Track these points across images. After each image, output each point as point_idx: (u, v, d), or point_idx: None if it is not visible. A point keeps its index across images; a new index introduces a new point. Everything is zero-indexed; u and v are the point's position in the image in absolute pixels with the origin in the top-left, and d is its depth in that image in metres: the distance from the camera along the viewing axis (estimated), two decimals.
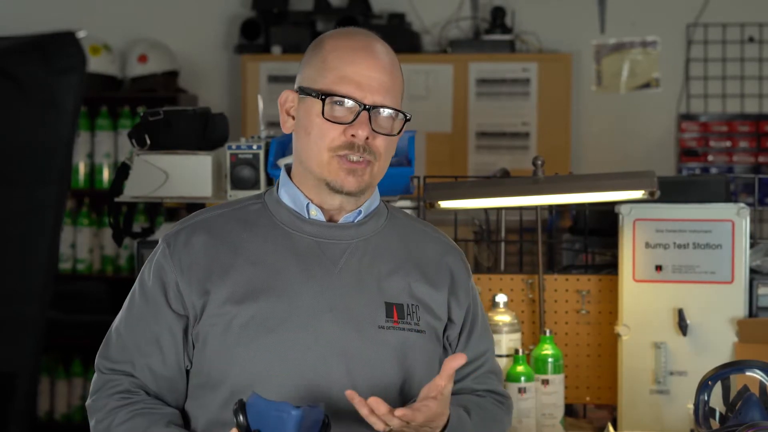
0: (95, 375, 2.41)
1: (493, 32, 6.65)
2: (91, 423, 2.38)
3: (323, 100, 2.32)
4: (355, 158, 2.32)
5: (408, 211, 3.78)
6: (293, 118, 2.40)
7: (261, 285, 2.32)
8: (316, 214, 2.38)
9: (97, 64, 6.46)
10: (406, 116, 2.37)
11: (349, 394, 2.18)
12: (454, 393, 2.37)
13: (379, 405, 2.17)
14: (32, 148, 1.66)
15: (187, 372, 2.37)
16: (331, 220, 2.40)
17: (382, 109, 2.33)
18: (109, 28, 6.67)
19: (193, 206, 3.58)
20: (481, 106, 6.63)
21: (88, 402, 2.41)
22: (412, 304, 2.38)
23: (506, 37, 6.62)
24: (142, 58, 6.66)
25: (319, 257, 2.36)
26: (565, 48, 6.67)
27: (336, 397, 2.28)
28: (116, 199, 3.65)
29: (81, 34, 1.64)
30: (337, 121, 2.32)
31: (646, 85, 6.71)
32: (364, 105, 2.31)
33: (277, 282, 2.33)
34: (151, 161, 3.56)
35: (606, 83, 6.73)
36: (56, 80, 1.64)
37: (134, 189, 3.58)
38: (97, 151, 6.61)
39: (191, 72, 6.86)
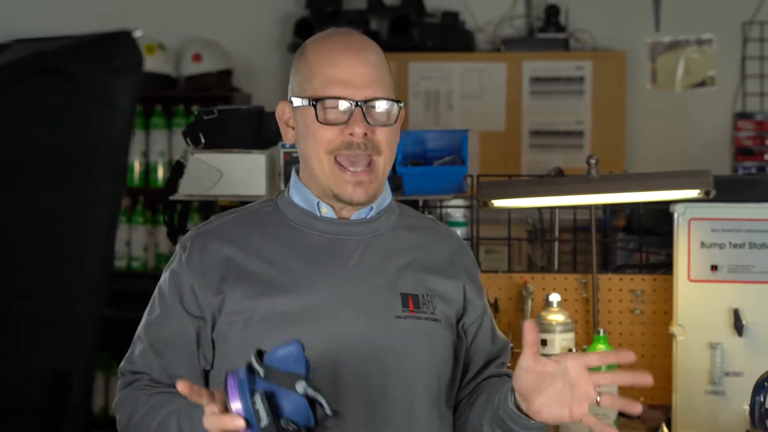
0: (119, 379, 2.48)
1: (547, 30, 6.63)
2: (117, 417, 2.45)
3: (315, 106, 2.33)
4: (355, 154, 2.32)
5: (461, 210, 3.80)
6: (293, 128, 2.42)
7: (278, 282, 2.34)
8: (327, 211, 2.40)
9: (152, 63, 6.50)
10: (399, 104, 2.37)
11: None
12: (475, 378, 2.46)
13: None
14: (88, 147, 1.68)
15: (207, 373, 2.40)
16: (341, 217, 2.41)
17: (374, 102, 2.34)
18: (163, 28, 6.72)
19: (246, 204, 3.59)
20: (534, 104, 6.61)
21: (114, 401, 2.48)
22: (427, 294, 2.39)
23: (560, 35, 6.60)
24: (197, 57, 6.69)
25: (332, 253, 2.37)
26: (620, 46, 6.63)
27: (358, 388, 2.30)
28: (171, 198, 3.67)
29: (138, 34, 1.65)
30: (332, 123, 2.33)
31: (702, 84, 6.66)
32: (356, 102, 2.32)
33: (293, 279, 2.34)
34: (206, 160, 3.58)
35: (661, 81, 6.69)
36: (113, 79, 1.65)
37: (189, 187, 3.60)
38: (151, 150, 6.65)
39: (245, 71, 6.89)
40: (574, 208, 3.81)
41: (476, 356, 2.48)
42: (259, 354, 2.06)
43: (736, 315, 3.41)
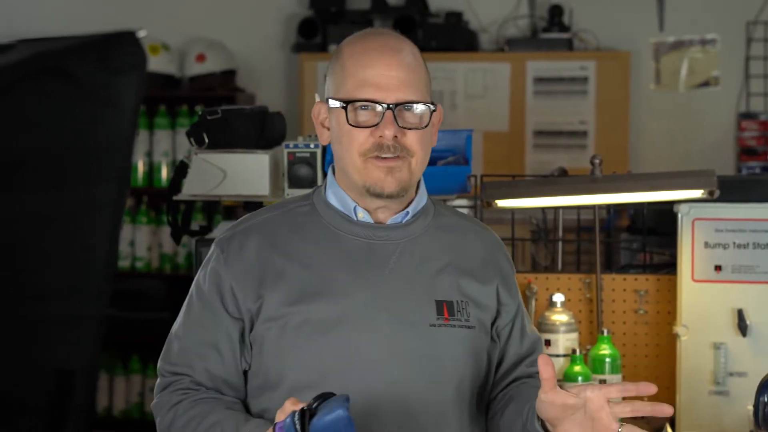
0: (158, 378, 2.46)
1: (551, 30, 6.63)
2: (156, 420, 2.43)
3: (346, 108, 2.33)
4: (387, 156, 2.33)
5: (464, 210, 3.80)
6: (328, 129, 2.42)
7: (314, 288, 2.35)
8: (363, 216, 2.40)
9: (155, 63, 6.50)
10: (431, 107, 2.37)
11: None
12: (505, 378, 2.48)
13: None
14: (91, 147, 1.67)
15: (246, 373, 2.41)
16: (378, 221, 2.42)
17: (406, 105, 2.34)
18: (167, 28, 6.72)
19: (250, 204, 3.60)
20: (538, 104, 6.61)
21: (153, 403, 2.46)
22: (462, 301, 2.40)
23: (564, 35, 6.59)
24: (200, 58, 6.69)
25: (369, 258, 2.38)
26: (624, 46, 6.63)
27: (392, 397, 2.31)
28: (175, 198, 3.67)
29: (141, 34, 1.65)
30: (363, 126, 2.33)
31: (706, 84, 6.66)
32: (387, 105, 2.32)
33: (330, 284, 2.35)
34: (209, 160, 3.57)
35: (665, 81, 6.68)
36: (116, 80, 1.64)
37: (192, 187, 3.60)
38: (155, 150, 6.65)
39: (249, 71, 6.89)
40: (578, 208, 3.80)
41: (507, 356, 2.51)
42: (302, 414, 2.05)
43: (740, 315, 3.40)
